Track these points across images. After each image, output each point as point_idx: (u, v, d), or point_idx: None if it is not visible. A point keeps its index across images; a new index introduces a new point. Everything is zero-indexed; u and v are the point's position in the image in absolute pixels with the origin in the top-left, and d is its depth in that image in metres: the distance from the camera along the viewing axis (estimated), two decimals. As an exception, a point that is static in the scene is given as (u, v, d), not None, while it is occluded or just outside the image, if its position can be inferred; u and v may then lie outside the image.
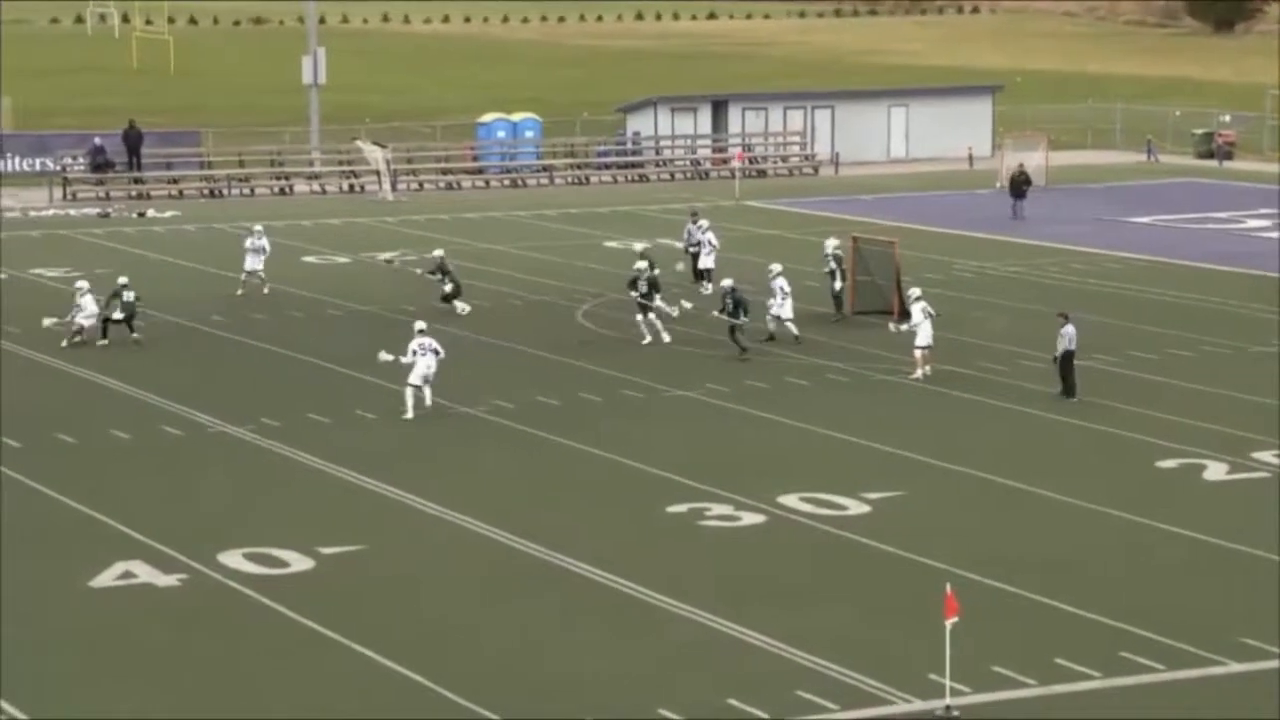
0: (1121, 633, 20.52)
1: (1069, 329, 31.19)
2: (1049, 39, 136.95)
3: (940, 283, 41.14)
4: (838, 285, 38.47)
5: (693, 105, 69.74)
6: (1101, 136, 76.12)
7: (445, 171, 65.58)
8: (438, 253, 40.23)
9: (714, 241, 42.54)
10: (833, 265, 38.50)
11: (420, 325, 31.26)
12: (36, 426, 29.73)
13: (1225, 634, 20.44)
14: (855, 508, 25.38)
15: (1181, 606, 21.47)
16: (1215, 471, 27.25)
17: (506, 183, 65.20)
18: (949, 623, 18.43)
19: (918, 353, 33.17)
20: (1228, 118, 73.45)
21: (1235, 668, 19.63)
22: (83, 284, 36.53)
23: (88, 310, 35.89)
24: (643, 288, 35.99)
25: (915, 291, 34.26)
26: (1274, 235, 51.70)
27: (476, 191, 63.75)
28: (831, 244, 38.87)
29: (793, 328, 35.92)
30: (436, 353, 30.67)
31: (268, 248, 41.89)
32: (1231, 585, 22.33)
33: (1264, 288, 42.77)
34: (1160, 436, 29.07)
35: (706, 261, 42.08)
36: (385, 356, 30.91)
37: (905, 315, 38.18)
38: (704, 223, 43.29)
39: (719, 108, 69.52)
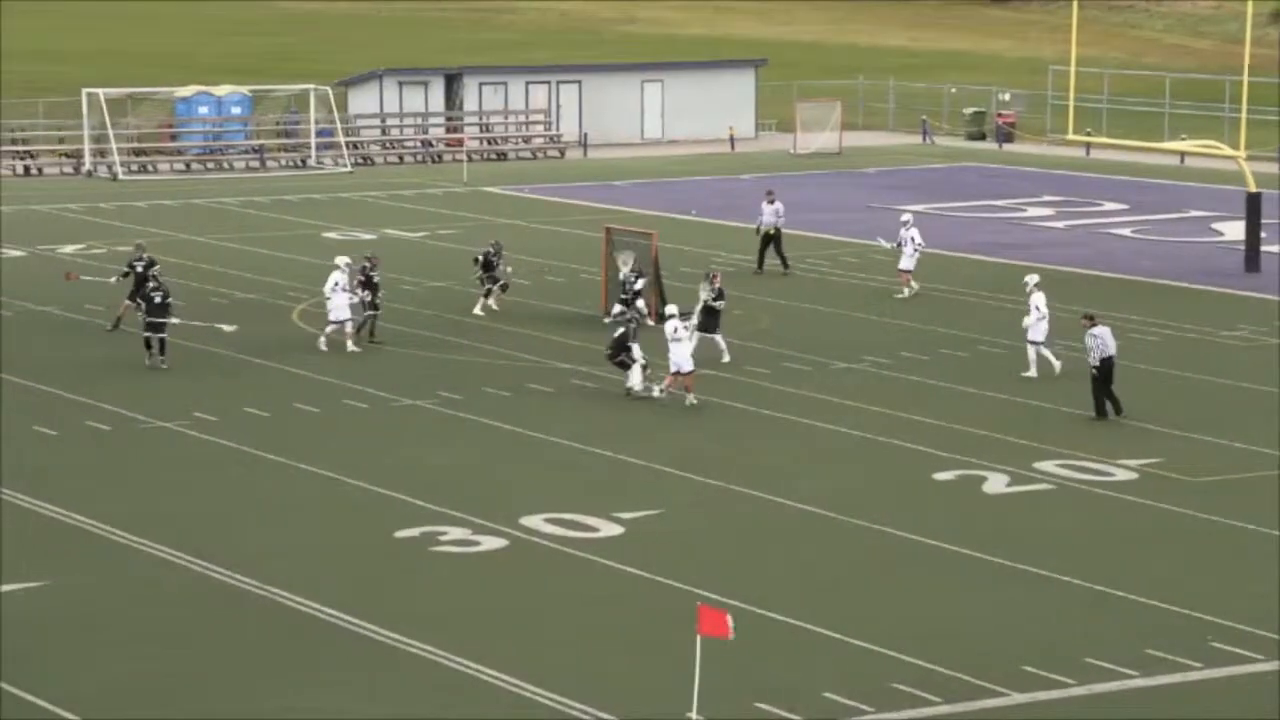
0: (893, 661, 20.84)
1: (1100, 330, 31.36)
2: (813, 7, 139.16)
3: (699, 278, 41.52)
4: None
5: (423, 79, 69.52)
6: (874, 116, 77.57)
7: (138, 153, 64.40)
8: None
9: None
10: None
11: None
12: None
13: (1007, 662, 20.87)
14: (607, 529, 25.49)
15: (959, 632, 21.89)
16: (995, 484, 27.91)
17: (210, 165, 64.30)
18: (701, 639, 18.47)
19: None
20: (1007, 96, 75.16)
21: (1018, 698, 20.03)
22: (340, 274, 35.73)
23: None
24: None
25: (672, 308, 33.40)
26: (1058, 225, 53.24)
27: (175, 175, 62.74)
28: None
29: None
30: None
31: None
32: (1015, 607, 22.84)
33: (1044, 281, 43.87)
34: (936, 446, 29.68)
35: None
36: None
37: (663, 317, 38.43)
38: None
39: (452, 82, 69.39)
